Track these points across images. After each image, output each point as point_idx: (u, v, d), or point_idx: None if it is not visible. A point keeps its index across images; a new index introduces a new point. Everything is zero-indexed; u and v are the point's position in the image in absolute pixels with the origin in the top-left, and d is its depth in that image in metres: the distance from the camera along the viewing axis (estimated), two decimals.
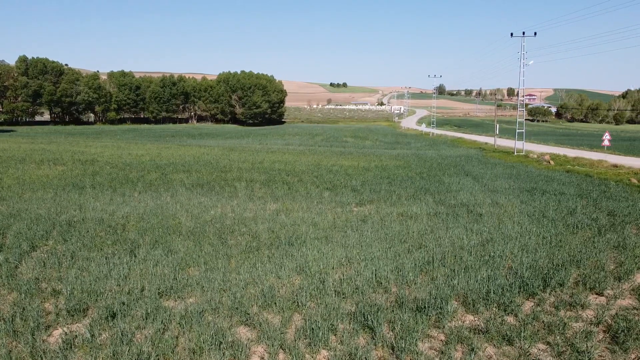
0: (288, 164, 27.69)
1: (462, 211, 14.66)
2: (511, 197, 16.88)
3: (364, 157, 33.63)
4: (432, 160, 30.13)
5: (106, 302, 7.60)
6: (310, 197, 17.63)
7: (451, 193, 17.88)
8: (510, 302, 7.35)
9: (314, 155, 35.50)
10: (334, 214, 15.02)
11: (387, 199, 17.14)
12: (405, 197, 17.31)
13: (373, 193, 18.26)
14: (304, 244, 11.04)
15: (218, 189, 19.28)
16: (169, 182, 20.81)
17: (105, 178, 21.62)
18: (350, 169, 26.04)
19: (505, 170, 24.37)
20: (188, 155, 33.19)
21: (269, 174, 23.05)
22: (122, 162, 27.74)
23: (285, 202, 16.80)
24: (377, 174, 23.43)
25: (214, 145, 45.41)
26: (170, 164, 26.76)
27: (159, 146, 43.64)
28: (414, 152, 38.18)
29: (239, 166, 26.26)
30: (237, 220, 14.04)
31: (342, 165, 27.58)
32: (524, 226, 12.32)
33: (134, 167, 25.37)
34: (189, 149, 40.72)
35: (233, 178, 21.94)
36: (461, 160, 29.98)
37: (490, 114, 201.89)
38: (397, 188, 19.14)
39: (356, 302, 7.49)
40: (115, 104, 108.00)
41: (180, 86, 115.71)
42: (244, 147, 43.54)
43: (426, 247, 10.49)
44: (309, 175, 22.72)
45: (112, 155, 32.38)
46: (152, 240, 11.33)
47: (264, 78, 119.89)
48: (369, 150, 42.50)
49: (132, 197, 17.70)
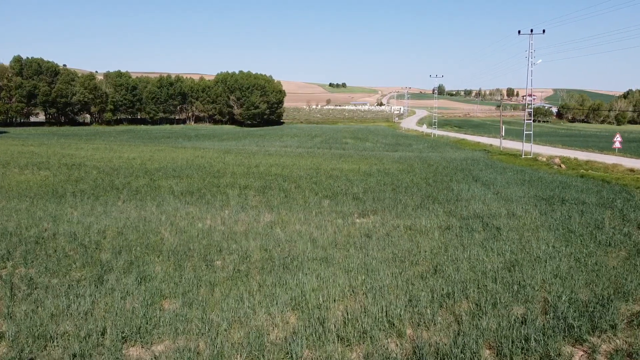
0: (285, 168, 26.26)
1: (477, 224, 13.22)
2: (528, 207, 15.45)
3: (365, 160, 32.21)
4: (437, 164, 28.71)
5: (56, 353, 6.16)
6: (308, 207, 16.20)
7: (461, 202, 16.45)
8: (556, 354, 5.91)
9: (312, 158, 34.08)
10: (334, 226, 13.59)
11: (392, 209, 15.72)
12: (412, 207, 15.87)
13: (376, 202, 16.83)
14: (301, 267, 9.61)
15: (209, 197, 17.84)
16: (157, 190, 19.36)
17: (89, 185, 20.17)
18: (351, 173, 24.62)
19: (516, 176, 22.94)
20: (181, 159, 31.76)
21: (265, 180, 21.61)
22: (110, 167, 26.30)
23: (281, 213, 15.37)
24: (379, 179, 22.00)
25: (209, 148, 43.97)
26: (161, 169, 25.32)
27: (152, 148, 42.20)
28: (417, 155, 36.76)
29: (233, 171, 24.81)
30: (226, 235, 12.60)
31: (342, 170, 26.16)
32: (550, 244, 10.88)
33: (122, 172, 23.93)
34: (183, 151, 39.27)
35: (226, 184, 20.50)
36: (467, 164, 28.55)
37: (491, 114, 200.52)
38: (403, 196, 17.70)
39: (364, 354, 6.05)
40: (111, 105, 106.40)
41: (177, 86, 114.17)
42: (240, 149, 42.09)
43: (442, 272, 9.05)
44: (307, 181, 21.29)
45: (101, 159, 30.94)
46: (126, 263, 9.89)
47: (263, 78, 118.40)
48: (370, 152, 41.07)
49: (115, 206, 16.26)
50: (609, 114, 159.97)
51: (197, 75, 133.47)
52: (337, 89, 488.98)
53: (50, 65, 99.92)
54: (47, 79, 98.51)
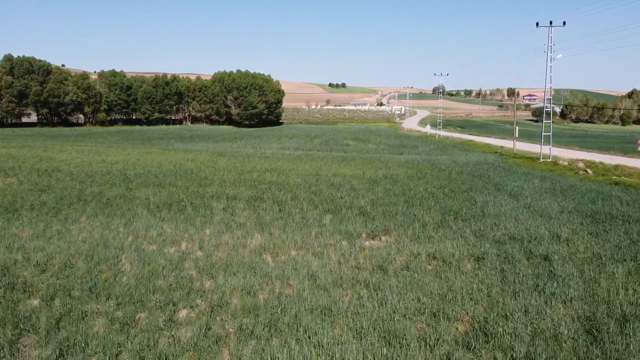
0: (281, 174, 23.57)
1: (517, 252, 10.54)
2: (573, 225, 12.77)
3: (369, 165, 29.52)
4: (450, 169, 26.01)
5: None
6: (306, 224, 13.53)
7: (489, 218, 13.77)
8: None
9: (312, 161, 31.38)
10: (338, 253, 10.94)
11: (407, 227, 13.06)
12: (432, 226, 13.20)
13: (388, 218, 14.16)
14: (295, 325, 6.93)
15: (190, 212, 15.15)
16: (131, 201, 16.67)
17: (54, 196, 17.46)
18: (355, 180, 21.95)
19: (542, 184, 20.26)
20: (168, 163, 29.07)
21: (257, 189, 18.92)
22: (87, 173, 23.60)
23: (273, 233, 12.70)
24: (388, 188, 19.31)
25: (202, 150, 41.28)
26: (143, 175, 22.62)
27: (140, 151, 39.50)
28: (425, 158, 34.07)
29: (222, 177, 22.11)
30: (202, 266, 9.94)
31: (344, 176, 23.48)
32: (629, 287, 8.19)
33: (98, 179, 21.24)
34: (173, 154, 36.57)
35: (212, 194, 17.80)
36: (484, 169, 25.86)
37: (492, 114, 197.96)
38: (418, 210, 15.01)
39: None
40: (105, 105, 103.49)
41: (173, 86, 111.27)
42: (234, 152, 39.39)
43: (495, 337, 6.37)
44: (305, 191, 18.60)
45: (80, 163, 28.24)
46: (53, 319, 7.20)
47: (261, 78, 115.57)
48: (373, 155, 38.38)
49: (76, 224, 13.58)
50: (614, 113, 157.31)
51: (194, 75, 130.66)
52: (337, 89, 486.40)
53: (42, 64, 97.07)
54: (39, 78, 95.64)
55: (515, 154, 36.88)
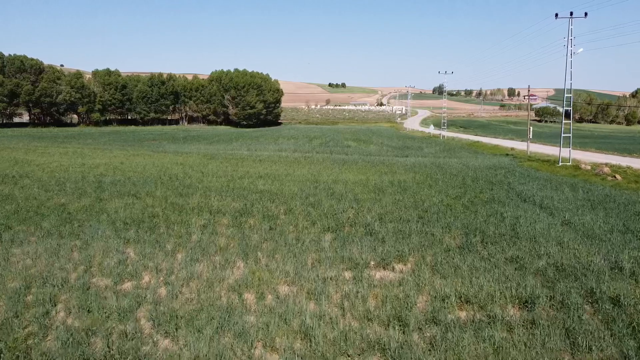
0: (276, 181, 21.11)
1: (575, 293, 8.08)
2: (634, 252, 10.29)
3: (373, 169, 27.05)
4: (463, 174, 23.54)
5: None
6: (302, 248, 11.07)
7: (525, 240, 11.30)
8: None
9: (310, 165, 28.92)
10: (342, 292, 8.52)
11: (425, 251, 10.63)
12: (456, 250, 10.75)
13: (400, 239, 11.70)
14: None
15: (163, 230, 12.70)
16: (97, 215, 14.21)
17: (9, 208, 14.99)
18: (358, 187, 19.50)
19: (573, 193, 17.77)
20: (154, 167, 26.61)
21: (246, 200, 16.44)
22: (58, 179, 21.12)
23: (260, 261, 10.25)
24: (397, 198, 16.84)
25: (194, 152, 38.81)
26: (120, 182, 20.15)
27: (128, 153, 37.03)
28: (432, 161, 31.59)
29: (208, 185, 19.64)
30: (160, 316, 7.50)
31: (346, 182, 21.02)
32: None
33: (68, 187, 18.75)
34: (162, 157, 34.12)
35: (193, 207, 15.33)
36: (500, 174, 23.38)
37: (495, 114, 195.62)
38: (436, 228, 12.55)
39: None
40: (99, 105, 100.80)
41: (169, 85, 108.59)
42: (228, 154, 36.92)
43: None
44: (302, 202, 16.14)
45: (57, 167, 25.76)
46: None
47: (259, 77, 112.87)
48: (376, 157, 35.91)
49: (22, 246, 11.18)
50: (618, 113, 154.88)
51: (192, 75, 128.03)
52: (337, 89, 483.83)
53: (34, 63, 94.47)
54: (31, 77, 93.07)
55: (529, 157, 34.36)
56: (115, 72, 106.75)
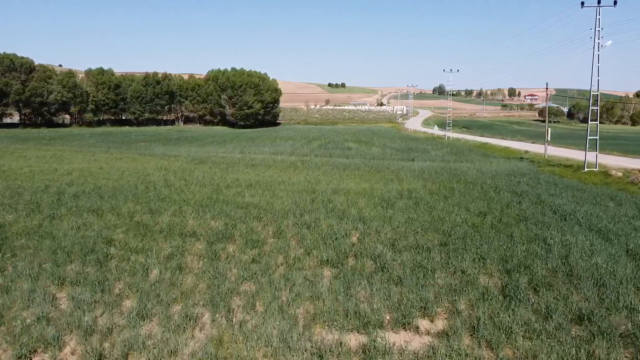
0: (266, 191, 18.32)
1: None
2: None
3: (377, 175, 24.23)
4: (480, 182, 20.72)
5: None
6: (292, 296, 8.30)
7: (592, 285, 8.51)
8: None
9: (308, 170, 26.09)
10: None
11: (457, 300, 7.89)
12: (499, 298, 7.96)
13: (421, 277, 8.94)
14: None
15: (114, 264, 9.90)
16: (41, 241, 11.41)
17: None
18: (363, 199, 16.71)
19: (620, 208, 14.94)
20: (133, 173, 23.78)
21: (228, 218, 13.63)
22: (15, 189, 18.28)
23: (233, 319, 7.47)
24: (409, 216, 14.02)
25: (183, 155, 35.98)
26: (85, 194, 17.34)
27: (111, 156, 34.21)
28: (442, 166, 28.75)
29: (187, 197, 16.82)
30: None
31: (348, 192, 18.24)
32: None
33: (20, 201, 15.93)
34: (146, 160, 31.32)
35: (162, 229, 12.53)
36: (523, 182, 20.56)
37: (497, 114, 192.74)
38: (467, 262, 9.75)
39: None
40: (92, 105, 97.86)
41: (164, 85, 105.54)
42: (219, 157, 34.10)
43: None
44: (295, 221, 13.33)
45: (24, 174, 22.92)
46: None
47: (257, 76, 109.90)
48: (380, 161, 33.09)
49: None
50: (623, 113, 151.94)
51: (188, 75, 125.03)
52: (336, 89, 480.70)
53: (25, 62, 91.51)
54: (21, 76, 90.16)
55: (548, 160, 31.54)
56: (108, 72, 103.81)
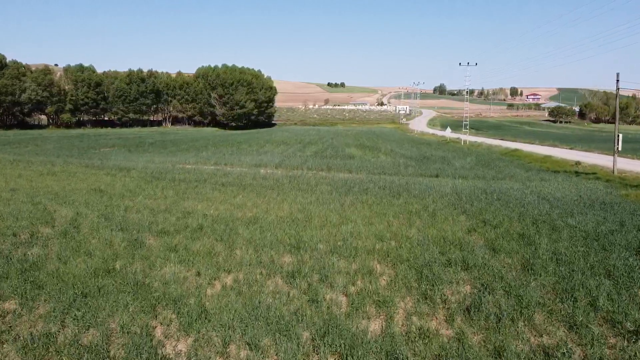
0: (220, 243, 10.63)
1: None
2: None
3: (396, 204, 16.31)
4: (556, 224, 12.97)
5: None
6: None
7: None
8: None
9: (296, 194, 18.33)
10: None
11: None
12: None
13: None
14: None
15: None
16: None
17: None
18: (385, 270, 9.06)
19: None
20: (35, 206, 16.08)
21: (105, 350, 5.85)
22: None
23: None
24: (487, 336, 6.24)
25: (141, 167, 28.25)
26: None
27: (43, 170, 26.51)
28: (482, 187, 20.91)
29: (67, 271, 9.09)
30: None
31: (356, 251, 10.57)
32: None
33: None
34: (87, 176, 23.63)
35: None
36: (628, 226, 12.77)
37: (504, 114, 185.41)
38: None
39: None
40: (70, 104, 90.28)
41: (150, 83, 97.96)
42: (184, 170, 26.36)
43: None
44: None
45: None
46: None
47: (250, 73, 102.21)
48: (393, 177, 25.39)
49: None
50: (638, 113, 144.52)
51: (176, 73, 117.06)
52: (336, 88, 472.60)
53: None
54: None
55: (622, 179, 23.94)
56: (89, 68, 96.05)
